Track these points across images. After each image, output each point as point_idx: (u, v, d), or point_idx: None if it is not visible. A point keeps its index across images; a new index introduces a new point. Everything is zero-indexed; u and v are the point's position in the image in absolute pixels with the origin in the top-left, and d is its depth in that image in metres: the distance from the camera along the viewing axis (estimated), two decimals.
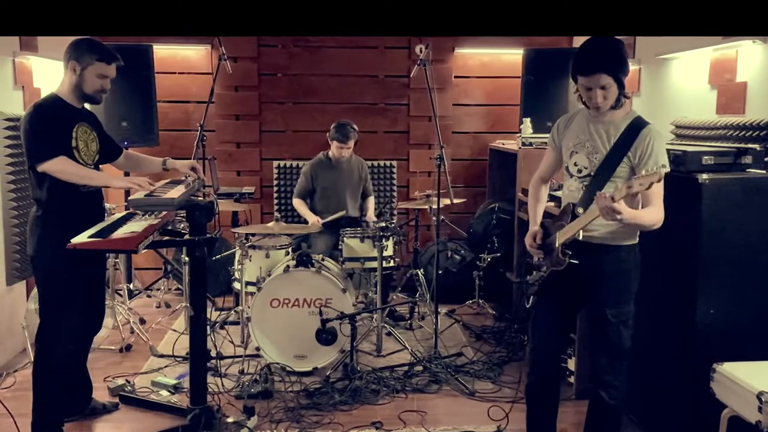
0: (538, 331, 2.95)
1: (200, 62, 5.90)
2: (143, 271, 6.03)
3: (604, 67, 2.53)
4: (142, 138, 5.31)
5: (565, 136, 2.82)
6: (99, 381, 3.82)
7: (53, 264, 3.07)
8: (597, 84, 2.55)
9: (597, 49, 2.61)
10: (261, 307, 4.04)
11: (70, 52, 3.18)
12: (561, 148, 2.86)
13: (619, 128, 2.65)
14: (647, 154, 2.56)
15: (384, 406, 3.70)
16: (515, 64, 5.92)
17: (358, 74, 6.01)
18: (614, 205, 2.40)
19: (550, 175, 3.02)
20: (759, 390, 2.36)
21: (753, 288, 2.90)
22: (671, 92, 4.29)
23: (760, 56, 3.39)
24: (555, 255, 2.72)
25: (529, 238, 2.87)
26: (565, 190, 2.85)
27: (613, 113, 2.67)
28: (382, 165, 6.06)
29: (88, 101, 3.27)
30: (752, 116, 3.37)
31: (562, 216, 2.78)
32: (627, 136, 2.61)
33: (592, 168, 2.68)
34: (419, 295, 5.15)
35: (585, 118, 2.76)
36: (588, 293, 2.75)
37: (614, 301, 2.70)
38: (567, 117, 2.87)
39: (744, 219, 2.87)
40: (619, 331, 2.70)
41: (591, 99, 2.60)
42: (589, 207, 2.58)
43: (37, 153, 3.02)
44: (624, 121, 2.66)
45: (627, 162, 2.61)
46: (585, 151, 2.71)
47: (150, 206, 3.00)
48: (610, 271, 2.70)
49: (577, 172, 2.74)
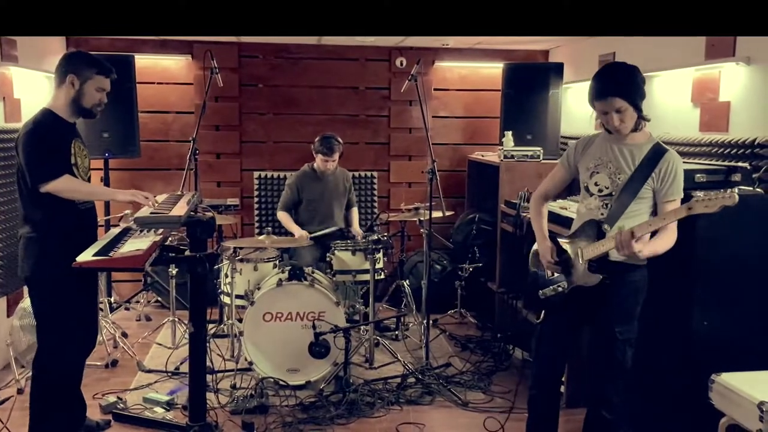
0: (544, 346, 3.02)
1: (180, 72, 5.85)
2: (121, 283, 5.93)
3: (617, 92, 2.64)
4: (123, 149, 5.23)
5: (583, 157, 2.90)
6: (88, 398, 3.72)
7: (53, 285, 3.02)
8: (612, 108, 2.66)
9: (609, 75, 2.73)
10: (254, 321, 4.03)
11: (67, 66, 3.11)
12: (575, 168, 2.95)
13: (642, 151, 2.76)
14: (671, 177, 2.68)
15: (380, 418, 3.73)
16: (493, 77, 6.05)
17: (339, 86, 6.05)
18: (633, 245, 2.52)
19: (554, 193, 3.09)
20: (759, 400, 2.47)
21: (745, 301, 3.03)
22: (653, 109, 4.41)
23: (743, 78, 3.53)
24: (582, 272, 2.78)
25: (548, 254, 2.91)
26: (581, 208, 2.93)
27: (634, 136, 2.77)
28: (363, 176, 6.10)
29: (84, 115, 3.20)
30: (735, 135, 3.51)
31: (580, 233, 2.85)
32: (651, 158, 2.72)
33: (614, 188, 2.77)
34: (404, 306, 5.19)
35: (607, 141, 2.84)
36: (599, 310, 2.82)
37: (623, 320, 2.79)
38: (586, 139, 2.95)
39: (736, 234, 3.00)
40: (624, 349, 2.79)
41: (609, 122, 2.72)
42: (615, 225, 2.69)
43: (40, 173, 2.96)
44: (647, 144, 2.77)
45: (650, 184, 2.71)
46: (607, 171, 2.80)
47: (156, 224, 2.97)
48: (625, 290, 2.79)
49: (598, 192, 2.82)
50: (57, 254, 2.87)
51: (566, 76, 5.52)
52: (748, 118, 3.50)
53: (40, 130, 3.02)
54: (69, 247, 2.88)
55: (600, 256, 2.72)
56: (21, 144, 3.01)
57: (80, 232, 3.14)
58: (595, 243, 2.74)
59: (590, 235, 2.78)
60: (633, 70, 2.71)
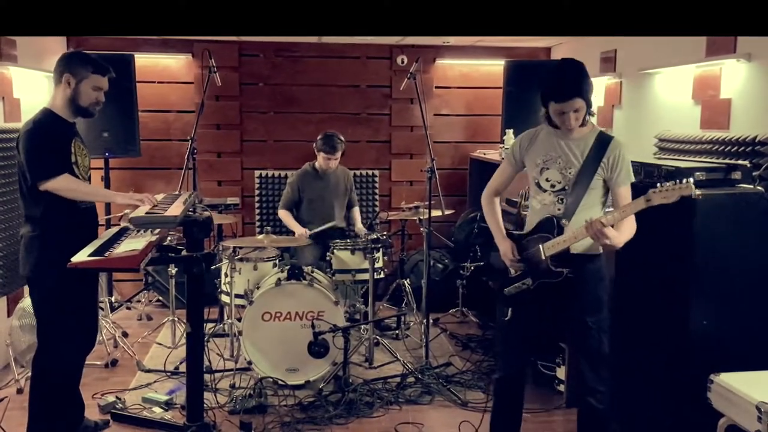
0: (510, 338, 3.04)
1: (180, 71, 5.85)
2: (122, 283, 5.94)
3: (579, 92, 2.69)
4: (123, 149, 5.23)
5: (529, 152, 2.92)
6: (87, 398, 3.72)
7: (53, 284, 3.02)
8: (571, 108, 2.70)
9: (567, 74, 2.74)
10: (252, 320, 4.02)
11: (63, 66, 3.12)
12: (522, 163, 2.97)
13: (588, 142, 2.81)
14: (620, 164, 2.76)
15: (379, 418, 3.72)
16: (494, 74, 6.03)
17: (339, 84, 6.03)
18: (605, 231, 2.59)
19: (504, 189, 3.11)
20: (758, 400, 2.44)
21: (744, 300, 3.00)
22: (654, 106, 4.39)
23: (744, 74, 3.50)
24: (545, 268, 2.81)
25: (509, 252, 2.92)
26: (536, 204, 2.93)
27: (581, 129, 2.82)
28: (364, 174, 6.09)
29: (82, 115, 3.20)
30: (736, 132, 3.48)
31: (539, 229, 2.87)
32: (597, 149, 2.78)
33: (566, 182, 2.81)
34: (405, 305, 5.18)
35: (552, 135, 2.87)
36: (568, 303, 2.87)
37: (594, 309, 2.84)
38: (530, 134, 2.96)
39: (735, 233, 2.97)
40: (599, 338, 2.84)
41: (565, 122, 2.74)
42: (572, 219, 2.76)
43: (40, 171, 2.97)
44: (591, 135, 2.83)
45: (600, 173, 2.78)
46: (557, 166, 2.83)
47: (152, 224, 2.97)
48: (591, 280, 2.85)
49: (551, 187, 2.85)
50: (57, 253, 2.86)
51: None
52: (749, 116, 3.47)
53: (40, 129, 3.03)
54: (69, 246, 2.87)
55: (561, 251, 2.77)
56: (21, 143, 3.03)
57: (81, 231, 3.13)
58: (556, 238, 2.78)
59: (549, 230, 2.82)
60: (584, 67, 2.76)
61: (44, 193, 2.98)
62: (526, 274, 2.90)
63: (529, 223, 2.96)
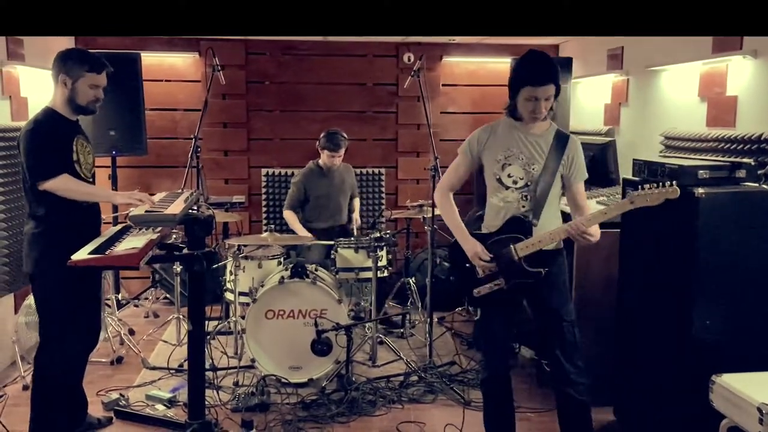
0: (489, 338, 3.04)
1: (187, 70, 5.86)
2: (130, 280, 5.97)
3: (554, 79, 2.71)
4: (130, 147, 5.25)
5: (488, 148, 2.88)
6: (91, 395, 3.76)
7: (55, 281, 3.04)
8: (545, 94, 2.71)
9: (544, 60, 2.77)
10: (256, 318, 4.02)
11: (59, 66, 3.13)
12: (478, 159, 2.92)
13: (548, 139, 2.83)
14: (577, 161, 2.84)
15: (381, 417, 3.71)
16: (501, 72, 5.99)
17: (346, 82, 6.03)
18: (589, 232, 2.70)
19: (459, 185, 3.05)
20: (760, 402, 2.40)
21: (747, 300, 2.95)
22: (660, 103, 4.35)
23: (750, 71, 3.45)
24: (519, 269, 2.80)
25: (480, 253, 2.84)
26: (496, 201, 2.89)
27: (541, 125, 2.84)
28: (370, 172, 6.08)
29: (82, 113, 3.22)
30: (743, 130, 3.43)
31: (508, 229, 2.83)
32: (557, 146, 2.81)
33: (530, 179, 2.80)
34: (410, 303, 5.16)
35: (514, 130, 2.85)
36: (540, 299, 2.89)
37: (564, 302, 2.89)
38: (488, 129, 2.93)
39: (739, 232, 2.91)
40: (573, 329, 2.87)
41: (535, 110, 2.73)
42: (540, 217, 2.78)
43: (39, 171, 2.99)
44: (550, 132, 2.85)
45: (560, 170, 2.80)
46: (520, 162, 2.81)
47: (151, 222, 2.97)
48: (558, 274, 2.88)
49: (513, 183, 2.83)
50: (60, 250, 2.87)
51: (575, 71, 5.43)
52: (756, 113, 3.43)
53: (39, 128, 3.05)
54: (72, 243, 2.88)
55: (535, 252, 2.78)
56: (21, 142, 3.05)
57: (83, 229, 3.15)
58: (530, 239, 2.77)
59: (519, 230, 2.80)
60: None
61: (46, 191, 3.00)
62: (497, 275, 2.85)
63: (490, 222, 2.92)
